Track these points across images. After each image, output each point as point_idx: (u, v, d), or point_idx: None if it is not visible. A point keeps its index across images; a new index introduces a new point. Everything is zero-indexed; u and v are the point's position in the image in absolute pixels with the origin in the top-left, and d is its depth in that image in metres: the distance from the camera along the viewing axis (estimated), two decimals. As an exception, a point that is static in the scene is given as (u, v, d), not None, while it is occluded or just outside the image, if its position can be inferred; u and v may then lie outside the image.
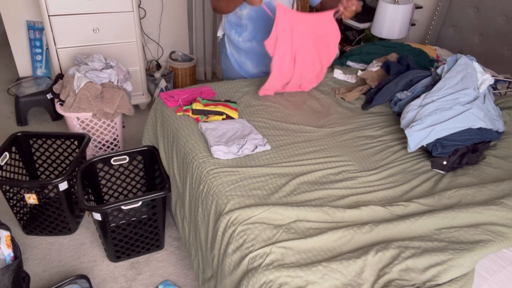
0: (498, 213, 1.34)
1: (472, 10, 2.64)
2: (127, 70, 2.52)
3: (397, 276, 1.13)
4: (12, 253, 1.57)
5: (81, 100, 2.25)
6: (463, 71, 1.74)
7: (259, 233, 1.22)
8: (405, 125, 1.68)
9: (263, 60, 2.18)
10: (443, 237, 1.26)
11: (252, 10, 1.96)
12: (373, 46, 2.49)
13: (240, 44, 2.12)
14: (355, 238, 1.24)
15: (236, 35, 2.10)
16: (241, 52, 2.16)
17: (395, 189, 1.48)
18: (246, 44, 2.10)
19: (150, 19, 3.30)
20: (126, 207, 1.74)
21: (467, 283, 1.13)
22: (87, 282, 1.74)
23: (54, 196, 1.92)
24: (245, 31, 2.06)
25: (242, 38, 2.09)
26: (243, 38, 2.09)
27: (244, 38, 2.09)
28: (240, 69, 2.24)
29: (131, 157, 2.03)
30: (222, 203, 1.35)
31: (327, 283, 1.09)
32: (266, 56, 2.16)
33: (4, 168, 1.95)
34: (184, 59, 3.44)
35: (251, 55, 2.15)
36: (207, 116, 1.77)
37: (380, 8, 2.69)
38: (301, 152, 1.62)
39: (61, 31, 2.56)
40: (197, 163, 1.53)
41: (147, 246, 1.95)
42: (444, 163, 1.59)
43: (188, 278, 1.87)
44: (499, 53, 2.52)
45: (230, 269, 1.23)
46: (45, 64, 3.06)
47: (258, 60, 2.17)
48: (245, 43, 2.10)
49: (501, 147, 1.74)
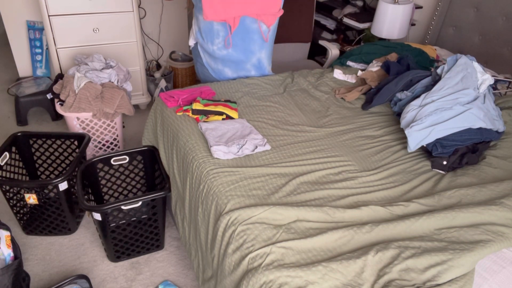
0: (498, 213, 1.34)
1: (472, 10, 2.64)
2: (127, 70, 2.52)
3: (397, 276, 1.13)
4: (12, 253, 1.57)
5: (81, 100, 2.25)
6: (463, 71, 1.74)
7: (259, 233, 1.23)
8: (405, 125, 1.68)
9: (242, 65, 2.14)
10: (443, 237, 1.26)
11: None
12: (373, 46, 2.49)
13: (216, 52, 2.06)
14: (355, 238, 1.24)
15: (209, 43, 2.04)
16: (217, 60, 2.11)
17: (395, 189, 1.48)
18: (222, 52, 2.05)
19: (150, 19, 3.30)
20: (126, 207, 1.74)
21: (467, 283, 1.13)
22: (87, 282, 1.74)
23: (54, 196, 1.92)
24: (217, 37, 2.01)
25: (216, 46, 2.04)
26: (217, 45, 2.04)
27: (219, 45, 2.03)
28: (219, 77, 2.19)
29: (131, 157, 2.03)
30: (222, 203, 1.35)
31: (327, 283, 1.09)
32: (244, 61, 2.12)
33: (4, 168, 1.96)
34: (184, 59, 3.44)
35: (229, 63, 2.11)
36: (207, 116, 1.77)
37: (380, 8, 2.69)
38: (301, 152, 1.62)
39: (61, 31, 2.56)
40: (197, 163, 1.53)
41: (147, 246, 1.95)
42: (444, 163, 1.59)
43: (188, 278, 1.87)
44: (499, 53, 2.52)
45: (230, 269, 1.23)
46: (45, 64, 3.06)
47: (236, 66, 2.13)
48: (221, 51, 2.05)
49: (501, 147, 1.74)
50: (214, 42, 2.03)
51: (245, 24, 1.97)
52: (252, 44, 2.07)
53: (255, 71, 2.22)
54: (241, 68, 2.15)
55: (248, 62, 2.14)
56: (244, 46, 2.06)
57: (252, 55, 2.13)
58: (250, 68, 2.18)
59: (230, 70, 2.15)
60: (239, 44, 2.03)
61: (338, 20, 3.11)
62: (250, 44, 2.07)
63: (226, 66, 2.13)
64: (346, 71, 2.32)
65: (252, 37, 2.04)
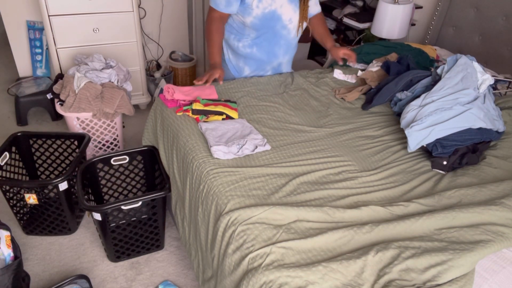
0: (498, 213, 1.34)
1: (472, 10, 2.64)
2: (127, 70, 2.52)
3: (397, 276, 1.13)
4: (12, 253, 1.57)
5: (81, 100, 2.25)
6: (463, 71, 1.74)
7: (259, 233, 1.22)
8: (405, 125, 1.68)
9: (263, 66, 2.18)
10: (443, 237, 1.26)
11: (255, 19, 1.95)
12: (373, 46, 2.49)
13: (240, 49, 2.11)
14: (355, 238, 1.24)
15: (236, 40, 2.09)
16: (239, 57, 2.15)
17: (395, 189, 1.48)
18: (246, 50, 2.10)
19: (150, 19, 3.30)
20: (126, 207, 1.74)
21: (467, 283, 1.13)
22: (87, 282, 1.74)
23: (54, 196, 1.92)
24: (246, 37, 2.06)
25: (242, 43, 2.08)
26: (243, 43, 2.08)
27: (245, 43, 2.08)
28: (238, 75, 2.22)
29: (131, 157, 2.03)
30: (222, 203, 1.35)
31: (327, 283, 1.09)
32: (266, 62, 2.16)
33: (4, 168, 1.95)
34: (184, 59, 3.44)
35: (251, 61, 2.15)
36: (207, 116, 1.77)
37: (380, 8, 2.69)
38: (301, 152, 1.62)
39: (61, 31, 2.56)
40: (197, 163, 1.53)
41: (147, 246, 1.95)
42: (444, 163, 1.59)
43: (188, 278, 1.87)
44: (499, 53, 2.52)
45: (230, 269, 1.23)
46: (45, 64, 3.06)
47: (256, 65, 2.17)
48: (245, 49, 2.09)
49: (501, 147, 1.74)
50: (241, 39, 2.07)
51: (275, 29, 2.02)
52: (277, 48, 2.12)
53: (272, 72, 2.26)
54: (260, 68, 2.19)
55: (269, 64, 2.18)
56: (270, 48, 2.10)
57: (275, 59, 2.17)
58: (269, 69, 2.23)
59: (249, 69, 2.19)
60: (265, 46, 2.08)
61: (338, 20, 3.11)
62: (275, 48, 2.11)
63: (247, 65, 2.17)
64: (346, 71, 2.32)
65: (278, 42, 2.09)
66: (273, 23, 1.99)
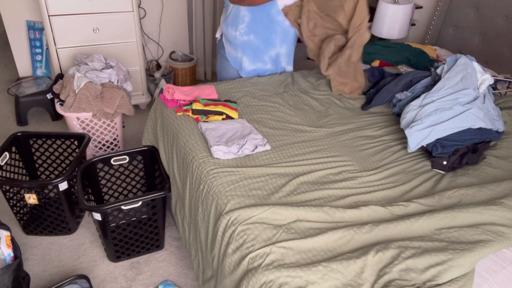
0: (498, 213, 1.34)
1: (472, 10, 2.64)
2: (127, 70, 2.52)
3: (397, 276, 1.13)
4: (12, 253, 1.57)
5: (81, 100, 2.25)
6: (463, 71, 1.74)
7: (259, 233, 1.22)
8: (405, 125, 1.68)
9: (261, 56, 2.19)
10: (443, 237, 1.26)
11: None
12: (373, 46, 2.49)
13: (237, 39, 2.12)
14: (355, 238, 1.24)
15: (233, 30, 2.10)
16: (237, 48, 2.16)
17: (395, 189, 1.48)
18: (243, 38, 2.10)
19: (150, 19, 3.30)
20: (126, 207, 1.74)
21: (467, 283, 1.13)
22: (87, 282, 1.74)
23: (54, 196, 1.92)
24: (241, 23, 2.07)
25: (239, 31, 2.09)
26: (240, 31, 2.09)
27: (241, 31, 2.09)
28: (237, 67, 2.24)
29: (131, 157, 2.03)
30: (222, 203, 1.35)
31: (327, 283, 1.09)
32: (263, 51, 2.18)
33: (4, 168, 1.95)
34: (184, 59, 3.44)
35: (248, 50, 2.15)
36: (207, 116, 1.77)
37: (380, 8, 2.69)
38: (301, 152, 1.62)
39: (61, 31, 2.56)
40: (197, 163, 1.53)
41: (147, 246, 1.95)
42: (444, 163, 1.59)
43: (188, 278, 1.87)
44: (499, 53, 2.52)
45: (230, 269, 1.23)
46: (45, 64, 3.06)
47: (254, 55, 2.17)
48: (242, 37, 2.10)
49: (501, 147, 1.74)
50: (238, 27, 2.08)
51: (270, 13, 2.02)
52: (274, 35, 2.12)
53: (271, 64, 2.25)
54: (258, 58, 2.19)
55: (266, 53, 2.18)
56: (266, 34, 2.11)
57: (272, 47, 2.17)
58: (267, 60, 2.22)
59: (248, 60, 2.19)
60: (261, 32, 2.09)
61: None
62: (272, 35, 2.11)
63: (245, 54, 2.17)
64: (346, 71, 2.31)
65: (275, 28, 2.10)
66: (268, 6, 2.01)
